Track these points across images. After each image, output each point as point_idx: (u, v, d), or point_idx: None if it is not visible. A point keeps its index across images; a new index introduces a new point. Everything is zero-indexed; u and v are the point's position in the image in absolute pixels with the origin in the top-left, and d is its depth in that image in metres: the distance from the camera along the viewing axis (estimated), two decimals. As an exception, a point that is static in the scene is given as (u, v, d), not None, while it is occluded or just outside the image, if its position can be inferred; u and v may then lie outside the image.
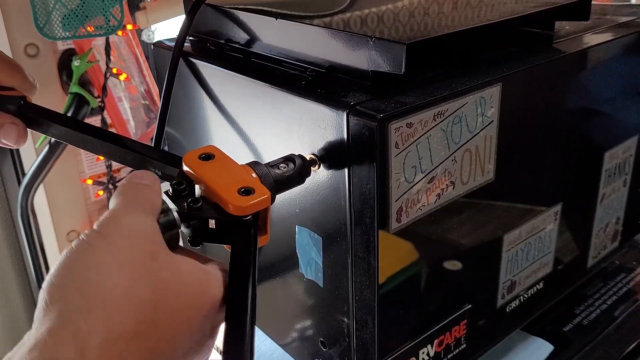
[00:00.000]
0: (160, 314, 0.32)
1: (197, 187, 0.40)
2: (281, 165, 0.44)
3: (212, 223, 0.39)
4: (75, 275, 0.31)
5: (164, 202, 0.39)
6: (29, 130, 0.48)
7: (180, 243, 0.40)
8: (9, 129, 0.46)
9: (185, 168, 0.40)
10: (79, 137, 0.46)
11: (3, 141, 0.47)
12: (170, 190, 0.39)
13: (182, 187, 0.39)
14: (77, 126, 0.46)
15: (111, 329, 0.30)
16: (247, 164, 0.42)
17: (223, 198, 0.38)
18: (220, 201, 0.38)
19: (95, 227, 0.33)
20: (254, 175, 0.41)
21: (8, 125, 0.46)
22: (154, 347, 0.31)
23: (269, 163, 0.44)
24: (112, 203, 0.36)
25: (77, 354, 0.28)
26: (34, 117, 0.47)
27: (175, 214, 0.38)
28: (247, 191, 0.38)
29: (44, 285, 0.31)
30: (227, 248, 0.39)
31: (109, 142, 0.45)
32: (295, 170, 0.44)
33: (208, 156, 0.41)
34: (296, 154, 0.45)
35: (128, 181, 0.38)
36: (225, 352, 0.32)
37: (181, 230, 0.38)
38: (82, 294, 0.30)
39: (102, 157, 1.10)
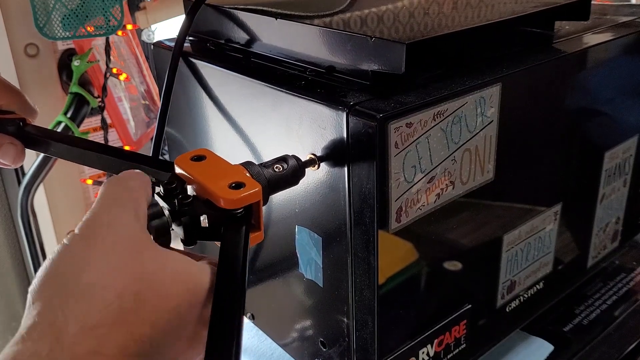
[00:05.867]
0: (143, 302, 0.32)
1: (189, 187, 0.40)
2: (275, 165, 0.44)
3: (204, 221, 0.39)
4: (54, 274, 0.32)
5: (156, 203, 0.39)
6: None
7: (181, 247, 0.40)
8: (7, 149, 0.48)
9: (177, 170, 0.41)
10: (76, 153, 0.47)
11: (1, 161, 0.48)
12: (162, 190, 0.39)
13: (173, 186, 0.39)
14: (73, 142, 0.47)
15: (87, 317, 0.30)
16: (240, 164, 0.42)
17: (214, 193, 0.38)
18: (211, 196, 0.38)
19: (75, 230, 0.34)
20: (247, 174, 0.41)
21: (6, 145, 0.48)
22: (137, 334, 0.31)
23: (262, 163, 0.44)
24: (95, 202, 0.36)
25: (53, 343, 0.29)
26: (33, 138, 0.48)
27: (167, 213, 0.38)
28: (237, 185, 0.38)
29: (29, 289, 0.32)
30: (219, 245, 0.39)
31: (105, 155, 0.45)
32: (288, 170, 0.44)
33: (200, 157, 0.41)
34: (292, 154, 0.45)
35: (113, 178, 0.38)
36: (209, 349, 0.32)
37: (173, 229, 0.38)
38: (59, 289, 0.31)
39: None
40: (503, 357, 0.62)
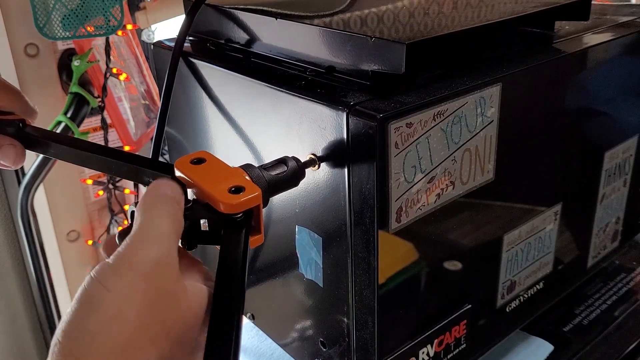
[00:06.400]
0: (168, 348, 0.32)
1: (189, 191, 0.40)
2: (275, 167, 0.44)
3: (204, 225, 0.39)
4: (85, 324, 0.30)
5: None
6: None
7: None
8: (7, 150, 0.47)
9: (177, 173, 0.40)
10: (76, 154, 0.47)
11: (1, 162, 0.48)
12: None
13: None
14: (73, 144, 0.47)
15: None
16: (239, 166, 0.42)
17: (214, 197, 0.38)
18: (211, 200, 0.38)
19: (110, 260, 0.32)
20: (246, 177, 0.41)
21: (6, 146, 0.47)
22: None
23: (262, 165, 0.44)
24: (135, 224, 0.35)
25: None
26: (33, 139, 0.48)
27: None
28: (237, 189, 0.38)
29: (57, 332, 0.31)
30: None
31: (104, 156, 0.45)
32: (288, 172, 0.44)
33: (199, 160, 0.41)
34: (292, 155, 0.45)
35: (152, 194, 0.36)
36: (207, 354, 0.32)
37: None
38: (89, 346, 0.30)
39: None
40: (503, 357, 0.62)
